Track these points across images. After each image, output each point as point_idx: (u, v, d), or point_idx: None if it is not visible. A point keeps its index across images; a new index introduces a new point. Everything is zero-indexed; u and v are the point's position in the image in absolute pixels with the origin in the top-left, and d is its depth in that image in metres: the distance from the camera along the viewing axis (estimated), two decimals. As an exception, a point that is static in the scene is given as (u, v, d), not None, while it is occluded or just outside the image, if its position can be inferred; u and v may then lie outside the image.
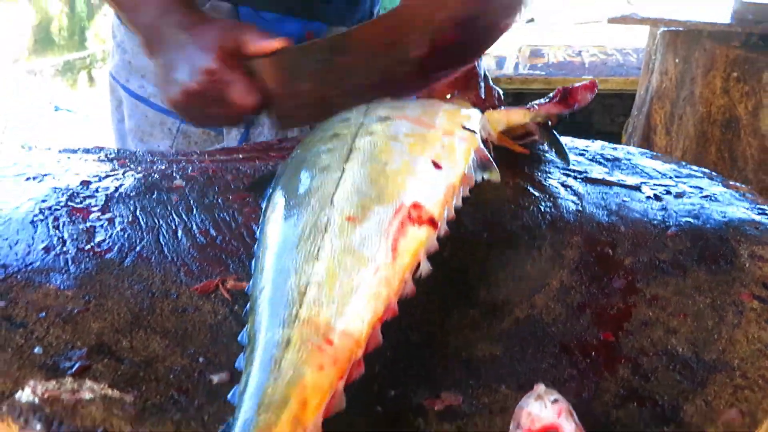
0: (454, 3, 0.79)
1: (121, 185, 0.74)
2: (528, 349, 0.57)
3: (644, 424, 0.51)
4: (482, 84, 0.93)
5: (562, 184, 0.80)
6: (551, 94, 0.86)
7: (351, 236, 0.54)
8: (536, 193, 0.77)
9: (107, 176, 0.76)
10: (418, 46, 0.79)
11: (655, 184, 0.81)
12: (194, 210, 0.70)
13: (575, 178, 0.82)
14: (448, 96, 0.90)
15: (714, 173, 0.86)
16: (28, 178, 0.75)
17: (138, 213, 0.69)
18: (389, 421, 0.49)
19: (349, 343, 0.48)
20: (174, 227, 0.66)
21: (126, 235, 0.64)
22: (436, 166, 0.65)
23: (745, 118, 2.33)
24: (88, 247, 0.62)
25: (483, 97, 0.92)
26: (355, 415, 0.48)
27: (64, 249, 0.61)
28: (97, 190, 0.73)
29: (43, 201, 0.70)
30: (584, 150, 0.92)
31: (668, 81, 2.51)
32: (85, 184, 0.74)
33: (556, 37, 4.03)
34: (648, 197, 0.77)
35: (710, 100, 2.36)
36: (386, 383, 0.52)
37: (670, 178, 0.84)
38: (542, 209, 0.74)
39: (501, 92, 0.94)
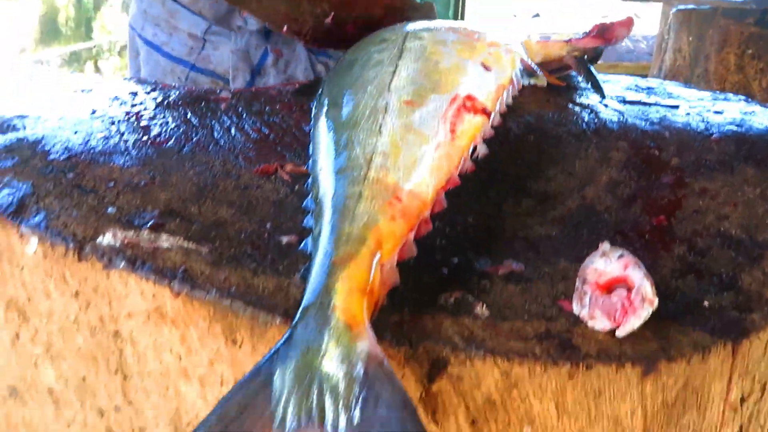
0: None
1: (167, 96, 0.75)
2: (583, 232, 0.58)
3: (703, 292, 0.52)
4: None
5: (601, 103, 0.81)
6: (588, 29, 0.87)
7: (410, 117, 0.56)
8: (578, 109, 0.79)
9: (152, 90, 0.78)
10: None
11: (692, 105, 0.82)
12: (244, 115, 0.71)
13: (613, 99, 0.83)
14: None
15: (749, 98, 0.87)
16: (76, 91, 0.77)
17: (189, 116, 0.70)
18: (455, 282, 0.50)
19: (416, 201, 0.49)
20: (227, 126, 0.68)
21: (181, 131, 0.66)
22: (486, 68, 0.66)
23: (760, 95, 2.34)
24: (146, 138, 0.63)
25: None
26: (423, 273, 0.50)
27: (123, 139, 0.63)
28: (145, 100, 0.74)
29: (96, 104, 0.71)
30: (617, 81, 0.93)
31: (682, 59, 2.52)
32: (134, 93, 0.75)
33: (564, 24, 4.05)
34: (687, 113, 0.79)
35: (724, 77, 2.38)
36: (449, 253, 0.53)
37: (707, 101, 0.85)
38: (585, 119, 0.75)
39: None
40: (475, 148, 0.57)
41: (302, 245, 0.46)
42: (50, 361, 0.49)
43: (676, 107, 0.81)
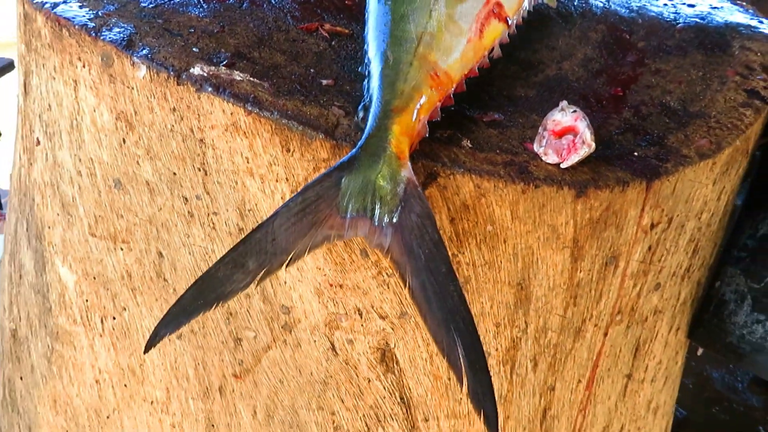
0: None
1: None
2: (555, 94, 0.76)
3: (636, 145, 0.71)
4: None
5: (594, -10, 0.96)
6: None
7: (454, 9, 0.71)
8: (571, -7, 0.94)
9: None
10: None
11: (672, -3, 0.98)
12: (289, -21, 0.87)
13: (605, -14, 0.98)
14: None
15: (725, -6, 1.02)
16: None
17: (244, -23, 0.86)
18: (449, 122, 0.68)
19: (447, 80, 0.66)
20: (276, -12, 0.84)
21: (240, -10, 0.82)
22: None
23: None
24: (212, -6, 0.80)
25: None
26: (426, 115, 0.68)
27: (194, -7, 0.79)
28: (206, -41, 0.89)
29: (166, -38, 0.87)
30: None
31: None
32: (196, -46, 0.91)
33: None
34: (665, 4, 0.94)
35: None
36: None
37: (687, -6, 1.00)
38: (575, 3, 0.91)
39: None
40: (492, 49, 0.74)
41: (364, 89, 0.64)
42: (149, 160, 0.69)
43: (657, -2, 0.96)
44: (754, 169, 0.86)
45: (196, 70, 0.65)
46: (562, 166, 0.65)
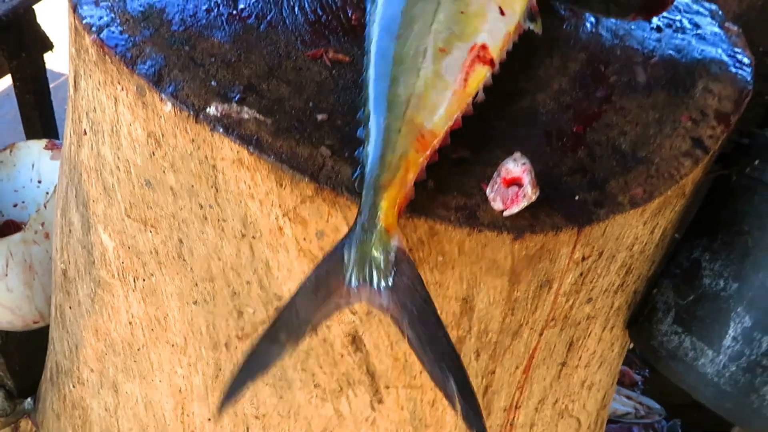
0: None
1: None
2: (522, 129, 0.89)
3: (580, 188, 0.85)
4: None
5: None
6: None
7: (441, 64, 0.81)
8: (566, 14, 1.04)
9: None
10: None
11: (664, 17, 1.07)
12: (306, -10, 1.00)
13: (602, 1, 1.08)
14: None
15: (719, 12, 1.10)
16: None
17: (266, -13, 0.99)
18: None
19: (432, 138, 0.78)
20: (292, 4, 0.97)
21: (259, 6, 0.95)
22: (501, 12, 0.90)
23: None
24: (234, 12, 0.94)
25: None
26: (401, 153, 0.83)
27: (219, 12, 0.93)
28: (234, -38, 1.02)
29: (198, -33, 1.00)
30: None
31: None
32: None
33: None
34: (652, 28, 1.04)
35: None
36: (424, 137, 0.86)
37: (680, 11, 1.09)
38: (565, 28, 1.02)
39: None
40: (476, 94, 0.85)
41: (357, 153, 0.77)
42: (173, 172, 0.86)
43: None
44: (702, 197, 0.99)
45: (212, 110, 0.80)
46: (505, 214, 0.80)
